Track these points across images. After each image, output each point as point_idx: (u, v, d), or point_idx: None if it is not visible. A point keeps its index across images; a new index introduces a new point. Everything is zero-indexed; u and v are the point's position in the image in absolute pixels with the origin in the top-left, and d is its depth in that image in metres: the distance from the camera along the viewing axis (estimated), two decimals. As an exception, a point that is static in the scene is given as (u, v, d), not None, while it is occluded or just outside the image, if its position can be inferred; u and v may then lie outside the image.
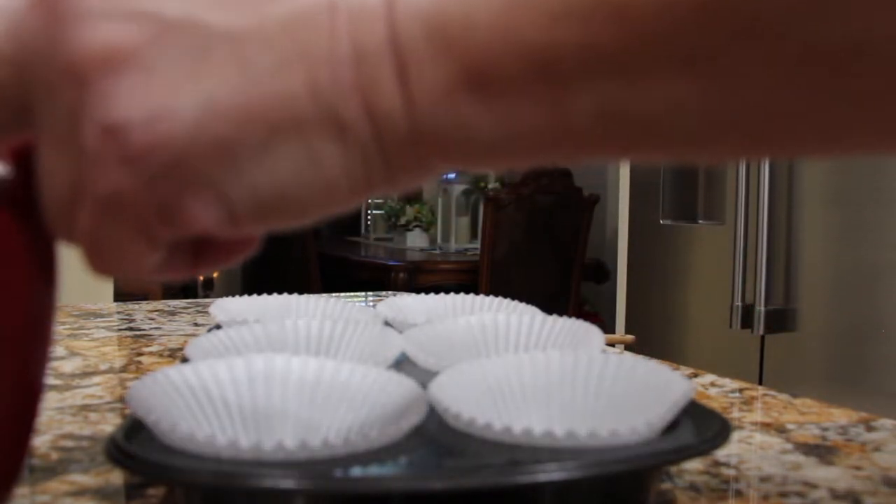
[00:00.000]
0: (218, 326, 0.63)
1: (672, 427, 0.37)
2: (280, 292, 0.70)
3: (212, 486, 0.32)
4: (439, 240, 3.82)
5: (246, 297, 0.70)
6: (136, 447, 0.34)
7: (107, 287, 1.92)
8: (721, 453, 0.44)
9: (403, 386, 0.40)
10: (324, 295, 0.71)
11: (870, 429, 0.50)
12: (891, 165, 1.50)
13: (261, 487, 0.31)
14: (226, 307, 0.66)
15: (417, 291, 0.76)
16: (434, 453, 0.36)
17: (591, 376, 0.42)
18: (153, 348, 0.75)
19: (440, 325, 0.57)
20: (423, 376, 0.43)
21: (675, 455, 0.36)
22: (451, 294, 0.69)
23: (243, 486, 0.31)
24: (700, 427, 0.38)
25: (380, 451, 0.35)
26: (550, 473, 0.32)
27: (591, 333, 0.55)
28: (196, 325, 0.88)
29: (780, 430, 0.50)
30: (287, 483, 0.31)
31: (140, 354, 0.72)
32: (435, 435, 0.37)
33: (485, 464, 0.34)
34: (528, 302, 0.68)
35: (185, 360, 0.49)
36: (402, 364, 0.51)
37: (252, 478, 0.31)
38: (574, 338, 0.55)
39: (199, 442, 0.33)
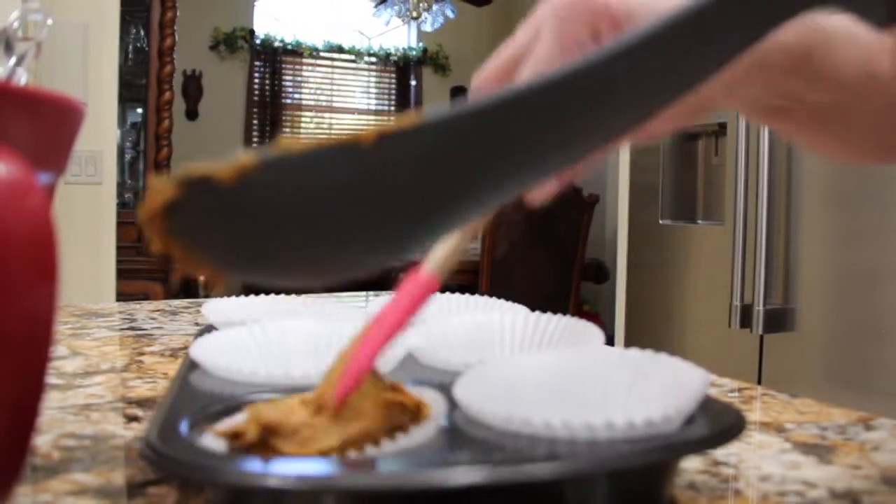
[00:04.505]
0: (211, 327, 0.63)
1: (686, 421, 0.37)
2: (280, 293, 0.70)
3: (229, 484, 0.32)
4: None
5: (237, 297, 0.70)
6: (170, 448, 0.34)
7: (109, 287, 1.92)
8: (720, 452, 0.44)
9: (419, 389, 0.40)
10: (322, 295, 0.71)
11: (868, 428, 0.51)
12: (890, 166, 1.50)
13: (288, 488, 0.31)
14: (217, 308, 0.66)
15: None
16: (445, 449, 0.36)
17: (601, 373, 0.42)
18: (154, 348, 0.75)
19: (438, 325, 0.57)
20: (428, 374, 0.43)
21: (697, 446, 0.35)
22: (447, 293, 0.69)
23: (265, 487, 0.31)
24: (712, 420, 0.37)
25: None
26: (567, 467, 0.32)
27: (590, 332, 0.55)
28: (197, 324, 0.88)
29: (779, 429, 0.50)
30: (316, 483, 0.31)
31: (141, 354, 0.73)
32: (448, 431, 0.37)
33: (497, 459, 0.34)
34: (529, 302, 0.68)
35: (191, 362, 0.49)
36: (405, 362, 0.51)
37: (275, 479, 0.31)
38: (573, 336, 0.55)
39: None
